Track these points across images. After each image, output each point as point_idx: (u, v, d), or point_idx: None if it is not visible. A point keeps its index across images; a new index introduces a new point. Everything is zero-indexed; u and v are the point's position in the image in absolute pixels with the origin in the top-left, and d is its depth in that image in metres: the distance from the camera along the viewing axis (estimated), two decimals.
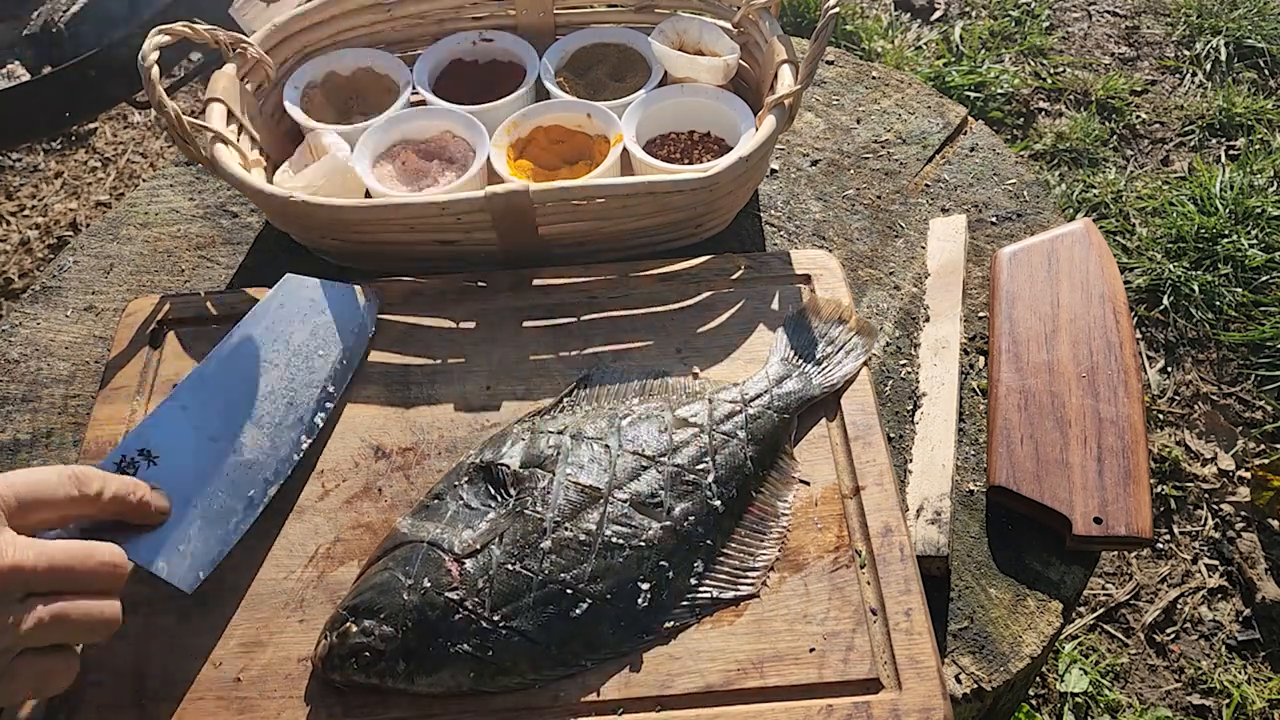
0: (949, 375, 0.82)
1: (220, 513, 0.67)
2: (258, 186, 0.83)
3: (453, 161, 0.94)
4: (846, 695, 0.61)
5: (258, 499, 0.69)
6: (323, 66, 1.00)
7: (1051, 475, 0.74)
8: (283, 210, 0.83)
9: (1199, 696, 1.29)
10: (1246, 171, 1.84)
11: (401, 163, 0.93)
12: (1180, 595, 1.38)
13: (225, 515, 0.67)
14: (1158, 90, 2.09)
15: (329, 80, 1.00)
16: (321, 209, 0.81)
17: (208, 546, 0.65)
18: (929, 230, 0.95)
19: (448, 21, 1.05)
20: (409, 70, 1.00)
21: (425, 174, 0.93)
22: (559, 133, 0.95)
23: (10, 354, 0.89)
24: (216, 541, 0.66)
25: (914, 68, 2.10)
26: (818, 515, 0.70)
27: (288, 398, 0.74)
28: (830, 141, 1.05)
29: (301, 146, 0.94)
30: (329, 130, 0.92)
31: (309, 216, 0.83)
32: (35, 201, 2.04)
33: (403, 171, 0.93)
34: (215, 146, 0.85)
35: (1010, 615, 0.71)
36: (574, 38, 1.03)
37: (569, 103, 0.96)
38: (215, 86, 0.90)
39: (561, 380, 0.79)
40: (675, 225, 0.88)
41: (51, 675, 0.55)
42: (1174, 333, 1.65)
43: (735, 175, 0.83)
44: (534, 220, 0.83)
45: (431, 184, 0.91)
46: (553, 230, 0.85)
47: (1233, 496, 1.46)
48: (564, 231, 0.86)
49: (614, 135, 0.92)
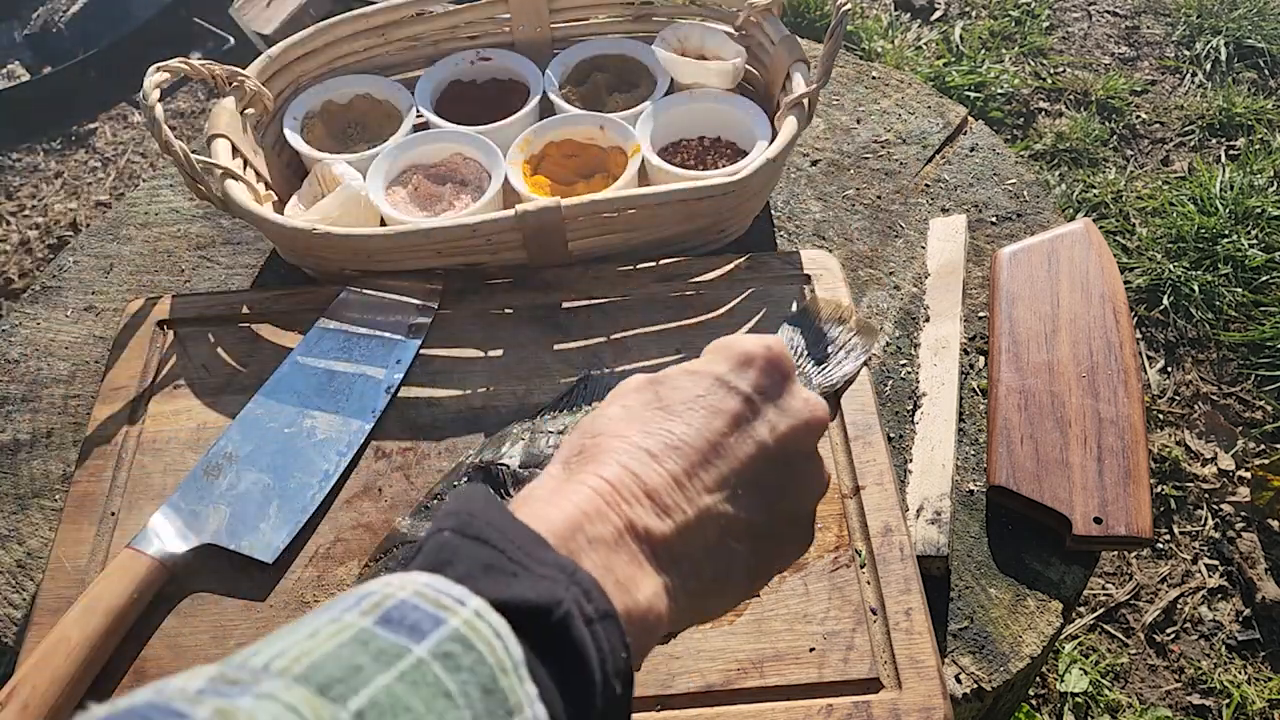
0: (949, 375, 0.82)
1: (296, 489, 0.73)
2: (276, 221, 0.81)
3: (465, 183, 0.92)
4: (846, 695, 0.61)
5: (332, 471, 0.74)
6: (319, 95, 0.98)
7: (1051, 475, 0.74)
8: (304, 243, 0.82)
9: (1199, 696, 1.29)
10: (1246, 171, 1.84)
11: (414, 188, 0.92)
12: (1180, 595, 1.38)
13: (301, 490, 0.73)
14: (1158, 90, 2.09)
15: (327, 109, 0.99)
16: (346, 240, 0.80)
17: (284, 519, 0.71)
18: (929, 230, 0.95)
19: (444, 42, 1.03)
20: (410, 94, 0.99)
21: (439, 198, 0.91)
22: (571, 146, 0.95)
23: (10, 354, 0.89)
24: (293, 513, 0.72)
25: (914, 68, 2.10)
26: (818, 515, 0.70)
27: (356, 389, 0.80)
28: (830, 141, 1.05)
29: (309, 178, 0.92)
30: (338, 160, 0.90)
31: (332, 248, 0.81)
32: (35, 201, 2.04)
33: (416, 196, 0.92)
34: (226, 183, 0.83)
35: (1010, 615, 0.71)
36: (573, 51, 1.03)
37: (582, 116, 0.95)
38: (217, 122, 0.88)
39: (561, 380, 0.79)
40: (700, 232, 0.87)
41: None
42: (1174, 333, 1.65)
43: (764, 177, 0.83)
44: (565, 236, 0.83)
45: (447, 207, 0.90)
46: (582, 244, 0.85)
47: (1233, 496, 1.46)
48: (593, 245, 0.85)
49: (630, 146, 0.91)
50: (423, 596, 0.34)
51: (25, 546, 0.77)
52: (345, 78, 1.00)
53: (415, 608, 0.34)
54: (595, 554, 0.40)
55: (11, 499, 0.79)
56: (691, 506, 0.44)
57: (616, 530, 0.42)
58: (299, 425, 0.77)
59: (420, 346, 0.82)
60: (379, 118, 1.00)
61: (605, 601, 0.38)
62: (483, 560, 0.37)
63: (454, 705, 0.31)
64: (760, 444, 0.47)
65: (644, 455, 0.45)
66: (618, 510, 0.42)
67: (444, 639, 0.33)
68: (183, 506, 0.71)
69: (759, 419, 0.47)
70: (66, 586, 0.69)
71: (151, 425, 0.78)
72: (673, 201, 0.81)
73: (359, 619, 0.33)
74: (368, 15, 0.99)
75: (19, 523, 0.78)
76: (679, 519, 0.44)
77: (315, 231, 0.80)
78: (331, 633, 0.32)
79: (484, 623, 0.34)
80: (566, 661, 0.36)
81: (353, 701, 0.30)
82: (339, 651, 0.31)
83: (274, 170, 0.95)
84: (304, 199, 0.91)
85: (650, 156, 0.90)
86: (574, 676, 0.36)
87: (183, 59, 0.85)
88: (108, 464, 0.75)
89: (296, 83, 0.99)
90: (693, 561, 0.44)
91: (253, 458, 0.75)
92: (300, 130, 0.96)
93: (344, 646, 0.32)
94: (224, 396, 0.80)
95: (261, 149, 0.94)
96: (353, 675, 0.31)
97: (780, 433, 0.47)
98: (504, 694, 0.33)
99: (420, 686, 0.31)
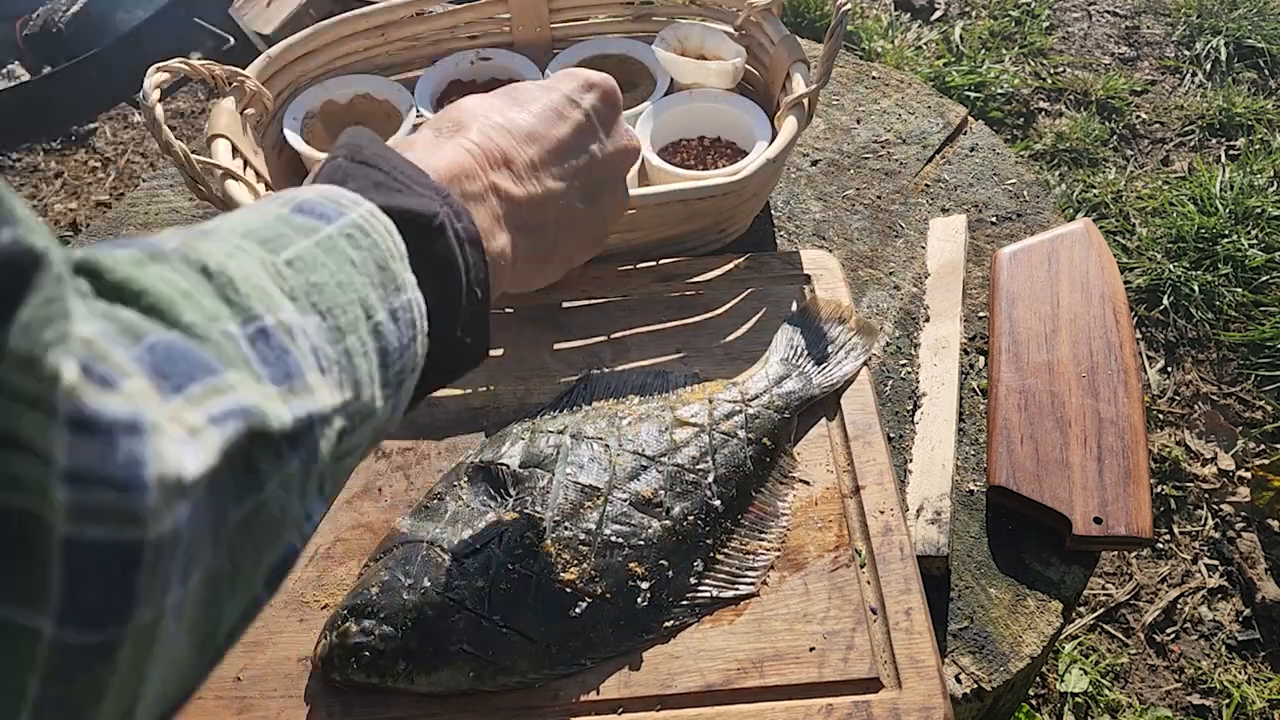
0: (949, 375, 0.82)
1: None
2: None
3: None
4: (846, 694, 0.61)
5: None
6: (319, 95, 0.98)
7: (1051, 475, 0.74)
8: None
9: (1199, 696, 1.29)
10: (1246, 171, 1.84)
11: None
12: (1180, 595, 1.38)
13: None
14: (1158, 90, 2.09)
15: (327, 109, 0.99)
16: None
17: None
18: (929, 230, 0.95)
19: (443, 42, 1.03)
20: (410, 94, 0.99)
21: None
22: None
23: None
24: None
25: (914, 68, 2.10)
26: (818, 515, 0.70)
27: None
28: (830, 141, 1.05)
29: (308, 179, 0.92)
30: None
31: None
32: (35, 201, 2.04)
33: None
34: (226, 183, 0.83)
35: (1010, 615, 0.71)
36: (573, 51, 1.02)
37: None
38: (217, 122, 0.88)
39: (561, 380, 0.79)
40: (702, 231, 0.87)
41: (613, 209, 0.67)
42: (1174, 333, 1.65)
43: (764, 177, 0.83)
44: None
45: None
46: None
47: (1233, 496, 1.46)
48: None
49: None
50: (325, 197, 0.42)
51: None
52: (345, 78, 1.00)
53: (320, 203, 0.42)
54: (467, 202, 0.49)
55: None
56: (540, 185, 0.56)
57: (484, 187, 0.52)
58: None
59: None
60: (378, 117, 1.00)
61: (473, 226, 0.47)
62: (373, 180, 0.45)
63: (358, 271, 0.40)
64: (593, 154, 0.59)
65: (506, 133, 0.55)
66: (485, 171, 0.52)
67: (346, 224, 0.41)
68: None
69: (593, 135, 0.60)
70: None
71: None
72: (673, 201, 0.81)
73: (278, 209, 0.41)
74: (368, 15, 0.99)
75: None
76: (531, 190, 0.55)
77: None
78: (258, 216, 0.40)
79: (377, 220, 0.42)
80: (439, 266, 0.44)
81: (284, 253, 0.38)
82: (267, 224, 0.39)
83: (274, 170, 0.95)
84: None
85: (650, 156, 0.90)
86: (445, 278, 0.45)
87: (183, 59, 0.85)
88: None
89: (296, 83, 0.99)
90: (533, 231, 0.55)
91: None
92: (300, 130, 0.96)
93: (270, 222, 0.39)
94: None
95: (261, 149, 0.94)
96: (280, 238, 0.38)
97: (608, 151, 0.61)
98: (394, 274, 0.41)
99: (332, 252, 0.39)
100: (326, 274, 0.38)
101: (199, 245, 0.35)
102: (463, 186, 0.50)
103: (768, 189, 0.93)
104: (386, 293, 0.40)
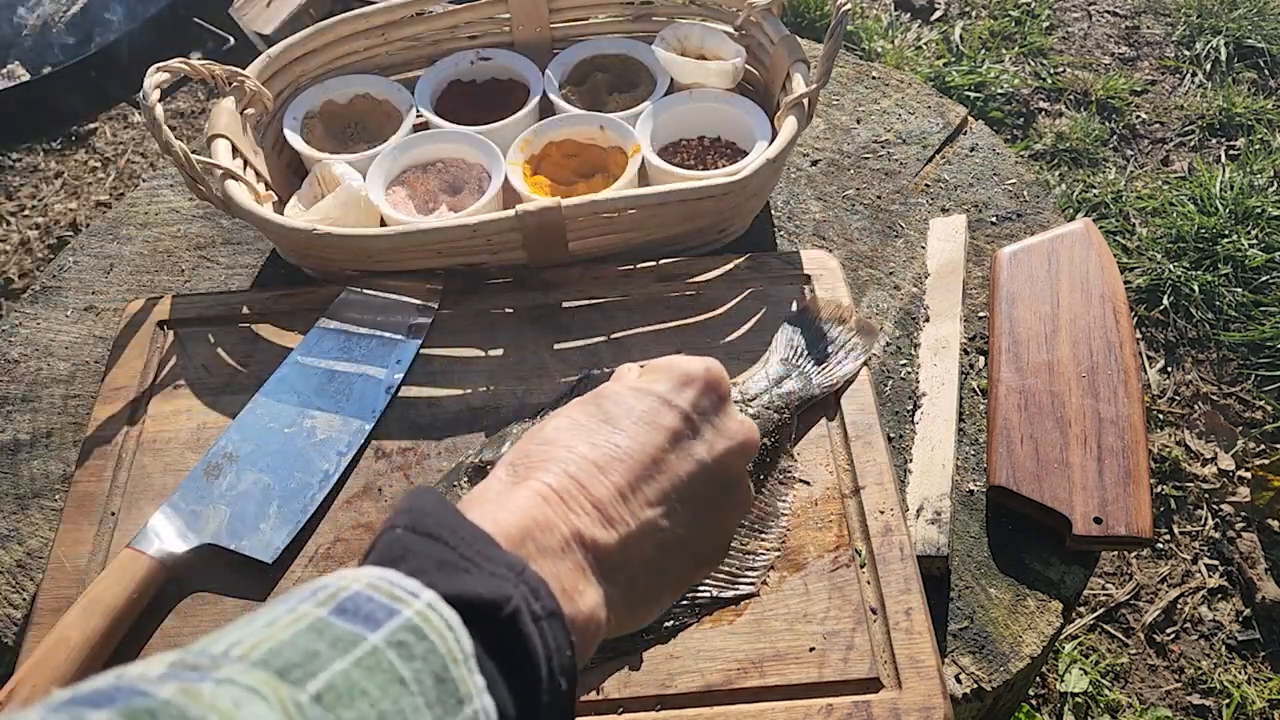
0: (949, 375, 0.82)
1: (296, 489, 0.73)
2: (277, 222, 0.81)
3: (465, 183, 0.92)
4: (846, 694, 0.61)
5: (332, 471, 0.75)
6: (319, 95, 0.98)
7: (1051, 475, 0.74)
8: (305, 244, 0.82)
9: (1199, 696, 1.29)
10: (1246, 171, 1.84)
11: (414, 188, 0.92)
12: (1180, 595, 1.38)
13: (301, 490, 0.73)
14: (1158, 90, 2.09)
15: (327, 109, 0.99)
16: (347, 240, 0.80)
17: (285, 519, 0.72)
18: (929, 230, 0.95)
19: (443, 42, 1.03)
20: (409, 94, 0.99)
21: (439, 198, 0.91)
22: (571, 146, 0.94)
23: (10, 354, 0.89)
24: (293, 513, 0.72)
25: (914, 68, 2.10)
26: (818, 515, 0.70)
27: (356, 389, 0.79)
28: (830, 141, 1.05)
29: (309, 178, 0.92)
30: (338, 160, 0.90)
31: (333, 248, 0.81)
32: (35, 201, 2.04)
33: (416, 196, 0.91)
34: (227, 184, 0.83)
35: (1010, 615, 0.71)
36: (573, 50, 1.02)
37: (581, 116, 0.94)
38: (217, 122, 0.88)
39: (561, 380, 0.79)
40: (701, 231, 0.87)
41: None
42: (1174, 333, 1.65)
43: (764, 177, 0.83)
44: (565, 236, 0.83)
45: (447, 208, 0.90)
46: (583, 244, 0.85)
47: (1233, 496, 1.46)
48: (594, 245, 0.85)
49: (630, 146, 0.91)
50: (376, 589, 0.35)
51: (25, 546, 0.77)
52: (345, 78, 1.00)
53: (370, 599, 0.34)
54: (544, 560, 0.41)
55: (11, 499, 0.79)
56: (634, 519, 0.46)
57: (564, 539, 0.43)
58: (299, 425, 0.77)
59: (420, 346, 0.82)
60: (378, 117, 1.00)
61: (552, 601, 0.39)
62: (435, 556, 0.38)
63: (408, 691, 0.32)
64: (699, 462, 0.49)
65: (590, 466, 0.46)
66: (565, 519, 0.43)
67: (398, 628, 0.33)
68: (183, 506, 0.71)
69: (697, 438, 0.49)
70: (66, 586, 0.69)
71: (151, 425, 0.78)
72: (673, 201, 0.81)
73: (315, 609, 0.33)
74: (368, 15, 0.99)
75: (19, 523, 0.78)
76: (622, 531, 0.45)
77: (315, 232, 0.79)
78: (288, 622, 0.33)
79: (436, 614, 0.35)
80: (514, 657, 0.37)
81: (311, 685, 0.30)
82: (296, 639, 0.32)
83: (274, 170, 0.95)
84: (304, 199, 0.91)
85: (650, 156, 0.90)
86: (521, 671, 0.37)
87: (183, 59, 0.85)
88: (108, 464, 0.75)
89: (296, 83, 0.99)
90: (631, 573, 0.45)
91: (253, 458, 0.75)
92: (300, 130, 0.96)
93: (301, 635, 0.32)
94: (224, 396, 0.80)
95: (261, 149, 0.94)
96: (310, 660, 0.31)
97: (717, 452, 0.49)
98: (455, 683, 0.34)
99: (375, 672, 0.32)
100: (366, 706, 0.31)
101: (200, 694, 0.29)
102: (538, 542, 0.42)
103: (768, 189, 0.93)
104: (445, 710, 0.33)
